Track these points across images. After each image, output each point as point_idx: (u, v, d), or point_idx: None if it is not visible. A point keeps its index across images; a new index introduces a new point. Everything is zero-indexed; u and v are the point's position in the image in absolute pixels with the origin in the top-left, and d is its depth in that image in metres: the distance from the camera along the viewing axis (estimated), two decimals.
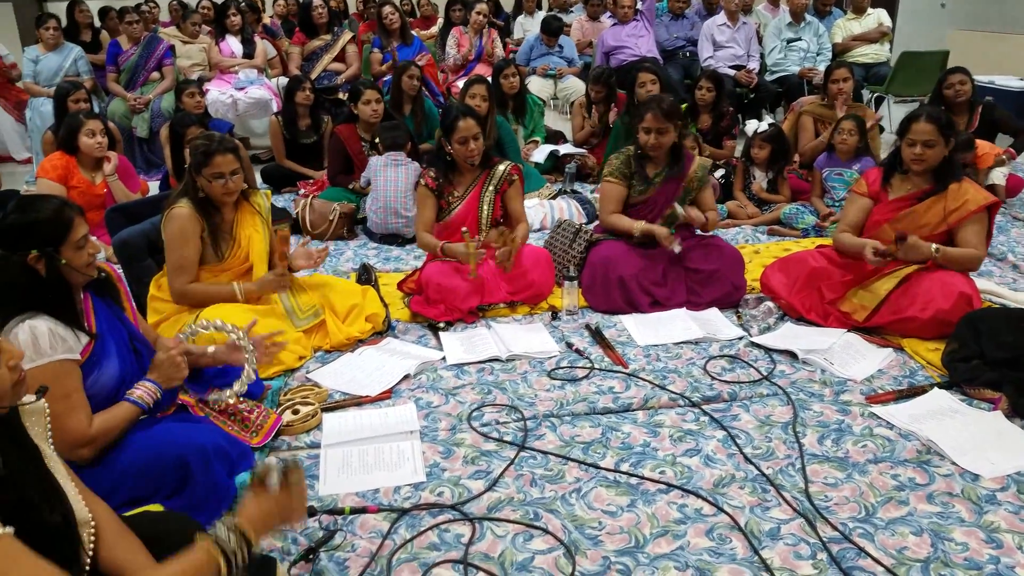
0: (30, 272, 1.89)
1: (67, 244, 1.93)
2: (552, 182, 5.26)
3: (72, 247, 1.94)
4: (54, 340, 1.88)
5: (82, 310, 2.03)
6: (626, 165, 3.52)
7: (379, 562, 1.96)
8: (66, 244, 1.93)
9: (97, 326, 2.05)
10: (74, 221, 1.96)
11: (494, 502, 2.18)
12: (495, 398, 2.76)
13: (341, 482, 2.30)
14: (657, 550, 1.97)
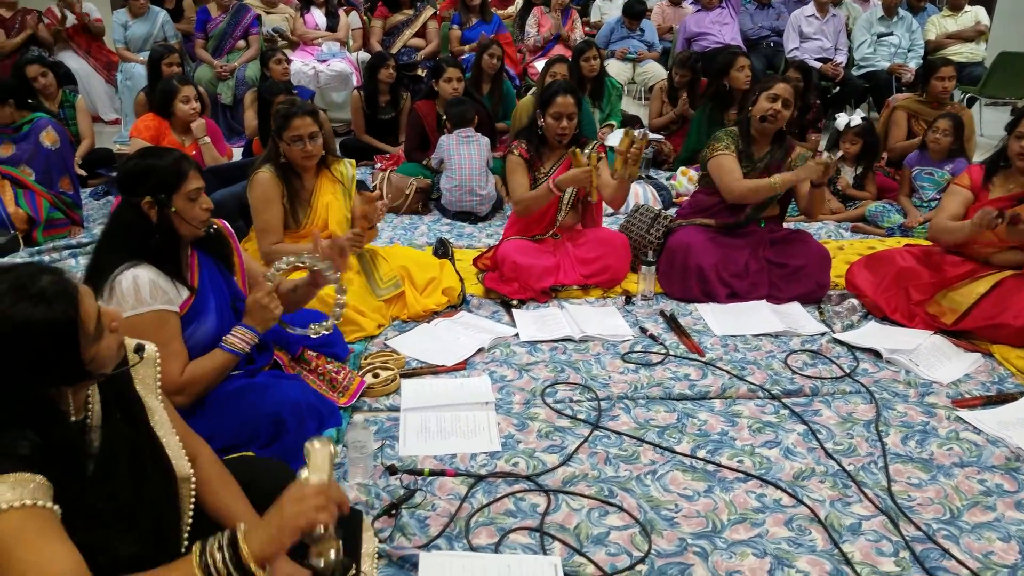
0: (143, 218, 1.98)
1: (179, 194, 2.02)
2: None
3: (184, 197, 2.02)
4: (155, 290, 1.97)
5: (187, 265, 2.11)
6: (735, 141, 3.42)
7: (458, 523, 2.01)
8: (178, 193, 2.02)
9: (200, 283, 2.13)
10: (189, 174, 2.04)
11: (568, 476, 2.21)
12: (568, 377, 2.79)
13: (419, 445, 2.36)
14: (735, 536, 1.98)
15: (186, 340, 2.08)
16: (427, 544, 1.93)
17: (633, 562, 1.87)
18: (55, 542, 1.13)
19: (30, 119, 4.15)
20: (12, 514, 1.10)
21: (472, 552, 1.90)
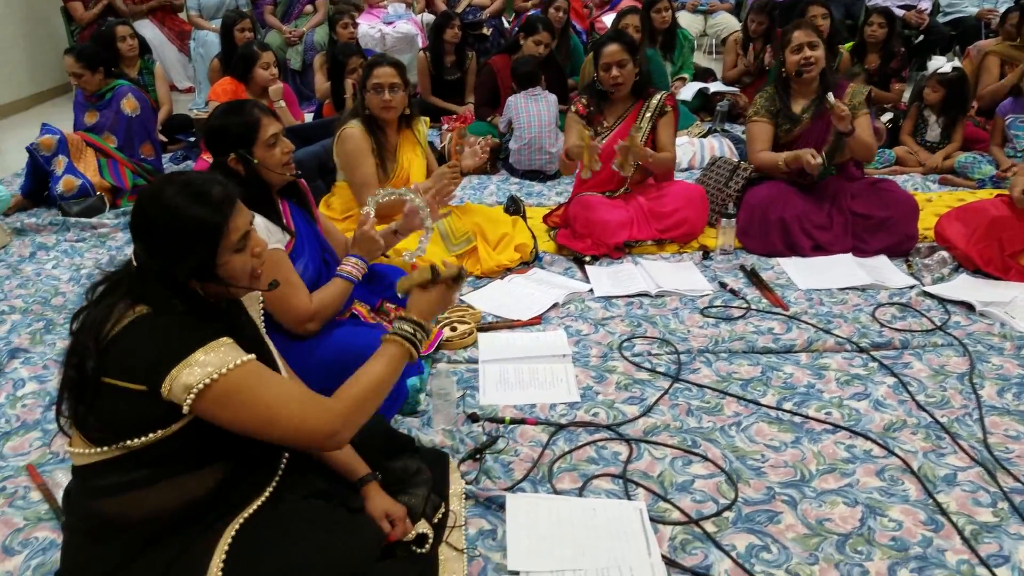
0: (233, 174, 2.05)
1: (258, 143, 2.08)
2: (701, 121, 5.15)
3: (263, 146, 2.09)
4: (269, 231, 2.05)
5: (280, 212, 2.18)
6: (771, 102, 3.38)
7: (541, 468, 2.04)
8: (257, 143, 2.08)
9: (295, 227, 2.21)
10: (261, 121, 2.10)
11: (650, 427, 2.22)
12: (645, 331, 2.78)
13: (499, 395, 2.40)
14: (824, 485, 1.96)
15: None
16: (512, 487, 1.97)
17: (720, 509, 1.87)
18: (277, 377, 1.40)
19: (112, 86, 4.29)
20: (237, 370, 1.32)
21: (557, 495, 1.93)
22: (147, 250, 1.37)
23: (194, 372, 1.28)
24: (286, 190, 2.24)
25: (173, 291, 1.37)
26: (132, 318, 1.32)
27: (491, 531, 1.82)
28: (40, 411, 2.35)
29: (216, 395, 1.30)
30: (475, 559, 1.74)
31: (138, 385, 1.30)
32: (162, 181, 1.39)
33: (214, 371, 1.29)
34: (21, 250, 3.70)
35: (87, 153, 4.20)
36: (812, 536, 1.78)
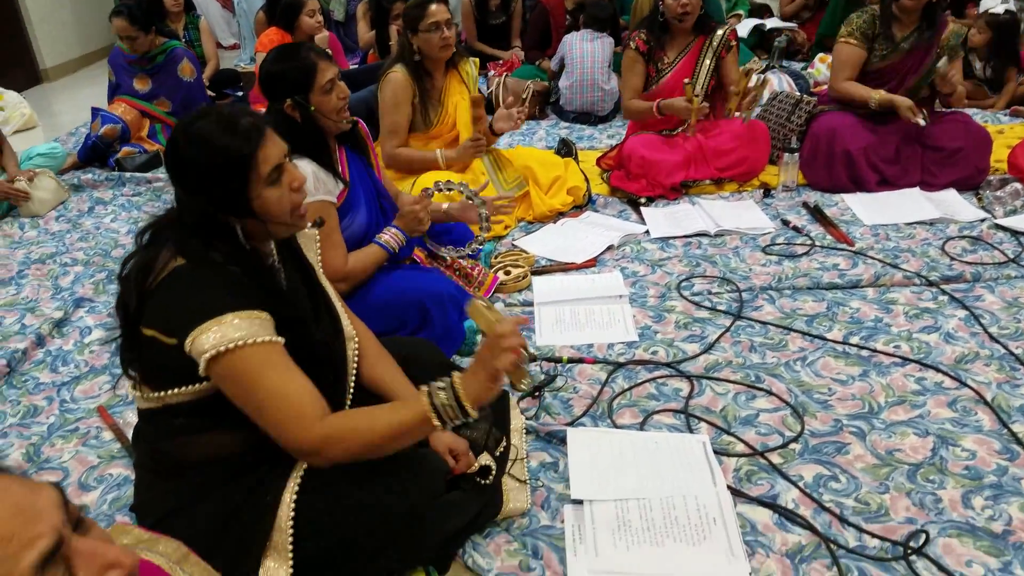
0: (289, 121, 2.06)
1: (315, 89, 2.08)
2: (758, 59, 5.02)
3: (320, 91, 2.08)
4: (317, 182, 2.07)
5: (336, 159, 2.20)
6: (869, 25, 3.22)
7: (600, 405, 2.06)
8: (314, 89, 2.08)
9: (350, 177, 2.23)
10: (318, 65, 2.08)
11: (711, 363, 2.21)
12: (704, 270, 2.76)
13: (556, 336, 2.41)
14: (894, 417, 1.94)
15: (343, 231, 2.19)
16: (572, 422, 1.99)
17: (786, 441, 1.87)
18: (293, 371, 1.32)
19: (163, 49, 4.27)
20: (254, 347, 1.28)
21: (617, 429, 1.95)
22: (182, 185, 1.37)
23: (211, 337, 1.26)
24: (343, 135, 2.25)
25: (213, 235, 1.35)
26: (171, 269, 1.32)
27: (553, 463, 1.85)
28: (107, 356, 2.44)
29: (224, 367, 1.28)
30: (538, 489, 1.77)
31: (170, 339, 1.30)
32: (195, 115, 1.38)
33: (228, 342, 1.26)
34: (79, 205, 3.81)
35: (142, 123, 4.29)
36: (882, 466, 1.77)
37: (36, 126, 5.44)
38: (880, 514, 1.63)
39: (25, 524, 0.57)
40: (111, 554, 0.62)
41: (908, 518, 1.62)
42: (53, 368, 2.41)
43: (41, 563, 0.56)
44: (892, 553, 1.53)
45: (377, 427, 1.32)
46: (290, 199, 1.42)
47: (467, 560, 1.59)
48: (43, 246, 3.36)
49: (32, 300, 2.86)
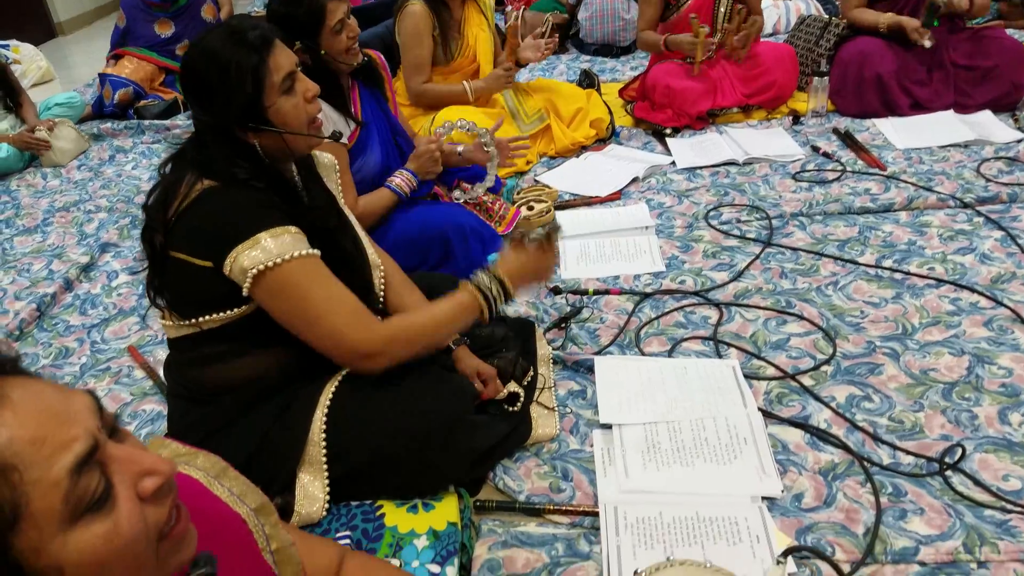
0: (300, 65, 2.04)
1: (324, 32, 2.04)
2: None
3: (329, 34, 2.05)
4: (327, 122, 2.05)
5: (350, 98, 2.18)
6: None
7: (628, 334, 2.06)
8: (323, 32, 2.04)
9: (363, 115, 2.21)
10: (327, 7, 2.03)
11: (741, 291, 2.20)
12: (733, 199, 2.73)
13: (581, 268, 2.41)
14: (928, 337, 1.92)
15: (355, 173, 2.18)
16: (599, 351, 1.99)
17: (817, 363, 1.86)
18: (336, 280, 1.38)
19: None
20: (297, 262, 1.32)
21: (645, 356, 1.96)
22: (198, 103, 1.38)
23: (253, 255, 1.29)
24: (357, 70, 2.22)
25: (234, 152, 1.37)
26: (200, 192, 1.33)
27: (581, 391, 1.86)
28: (135, 299, 2.48)
29: (270, 283, 1.30)
30: (566, 416, 1.79)
31: (204, 261, 1.32)
32: (203, 33, 1.39)
33: (273, 257, 1.29)
34: (100, 154, 3.83)
35: (157, 76, 4.27)
36: (916, 385, 1.76)
37: (53, 79, 5.45)
38: (915, 432, 1.63)
39: (59, 427, 0.55)
40: (148, 461, 0.61)
41: (943, 435, 1.61)
42: (82, 311, 2.45)
43: (77, 466, 0.55)
44: (927, 469, 1.53)
45: (432, 319, 1.44)
46: (305, 109, 1.43)
47: (498, 483, 1.61)
48: (66, 195, 3.39)
49: (58, 247, 2.90)
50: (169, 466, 0.61)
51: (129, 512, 0.57)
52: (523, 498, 1.57)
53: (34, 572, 0.54)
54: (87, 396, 0.61)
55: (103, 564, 0.56)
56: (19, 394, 0.56)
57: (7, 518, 0.52)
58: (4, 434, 0.53)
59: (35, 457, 0.53)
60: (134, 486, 0.59)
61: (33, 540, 0.53)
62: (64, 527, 0.54)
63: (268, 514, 0.86)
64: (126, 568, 0.58)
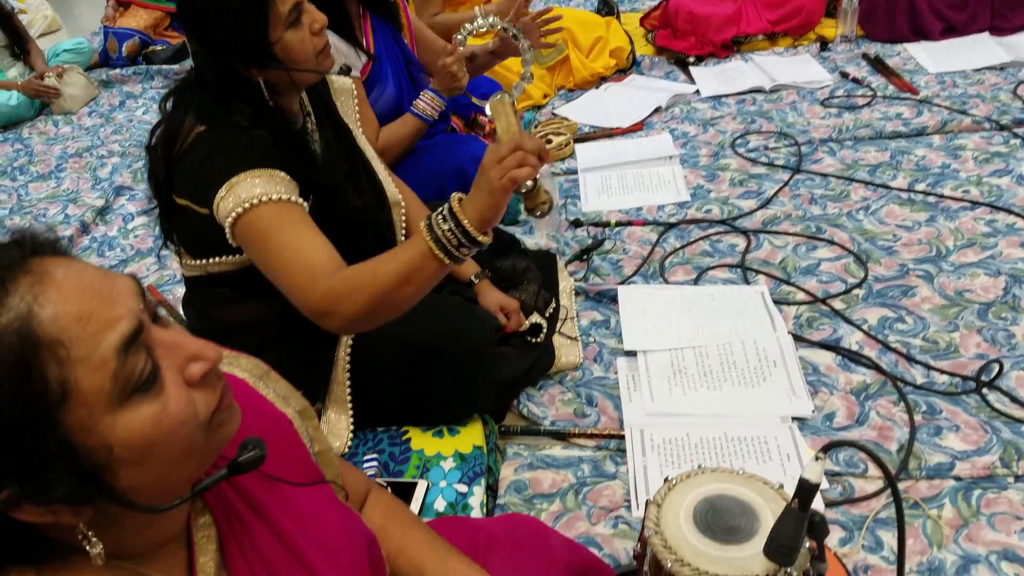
0: None
1: None
2: None
3: None
4: (336, 54, 2.00)
5: (361, 31, 2.14)
6: None
7: (652, 264, 2.04)
8: None
9: (375, 48, 2.16)
10: None
11: (769, 218, 2.17)
12: (760, 127, 2.67)
13: (602, 201, 2.38)
14: (963, 259, 1.89)
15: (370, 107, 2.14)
16: (623, 281, 1.98)
17: (848, 287, 1.84)
18: (310, 230, 1.25)
19: None
20: (269, 206, 1.22)
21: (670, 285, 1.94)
22: (198, 38, 1.31)
23: (229, 201, 1.23)
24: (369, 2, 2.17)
25: (235, 93, 1.30)
26: (195, 136, 1.28)
27: (604, 321, 1.86)
28: (151, 240, 2.49)
29: (243, 227, 1.24)
30: (590, 345, 1.79)
31: (202, 208, 1.28)
32: None
33: (242, 203, 1.22)
34: (110, 100, 3.82)
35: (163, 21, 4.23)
36: (951, 306, 1.74)
37: (60, 28, 5.42)
38: (949, 351, 1.61)
39: (103, 305, 0.55)
40: (194, 346, 0.60)
41: (979, 354, 1.59)
42: (100, 253, 2.47)
43: (123, 346, 0.54)
44: (963, 387, 1.51)
45: (381, 274, 1.17)
46: (312, 43, 1.35)
47: (522, 410, 1.61)
48: (78, 141, 3.39)
49: (73, 191, 2.91)
50: (215, 352, 0.61)
51: (177, 396, 0.58)
52: (548, 424, 1.57)
53: (84, 450, 0.54)
54: (129, 279, 0.60)
55: (152, 445, 0.56)
56: (62, 272, 0.55)
57: (56, 395, 0.52)
58: (49, 310, 0.53)
59: (81, 334, 0.53)
60: (181, 371, 0.59)
61: (83, 419, 0.53)
62: (113, 407, 0.54)
63: (310, 417, 0.86)
64: (175, 451, 0.58)
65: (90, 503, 0.56)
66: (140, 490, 0.58)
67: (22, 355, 0.51)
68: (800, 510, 0.76)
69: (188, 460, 0.60)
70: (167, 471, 0.59)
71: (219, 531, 0.70)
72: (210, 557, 0.67)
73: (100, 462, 0.55)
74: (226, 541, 0.69)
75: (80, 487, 0.54)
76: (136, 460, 0.56)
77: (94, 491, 0.55)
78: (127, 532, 0.61)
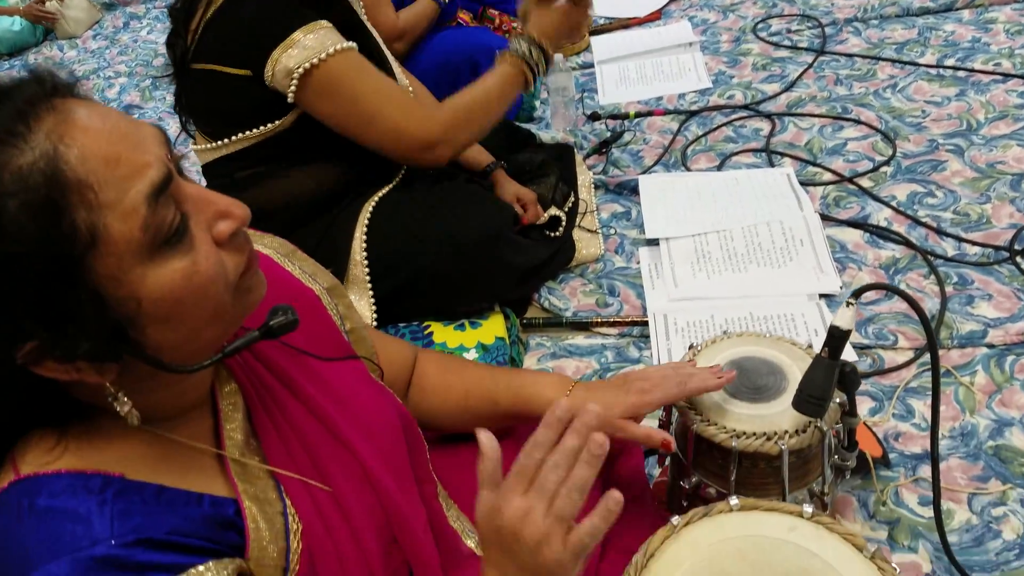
0: None
1: None
2: None
3: None
4: None
5: None
6: None
7: (673, 153, 2.00)
8: None
9: None
10: None
11: (793, 101, 2.10)
12: (782, 10, 2.57)
13: (621, 92, 2.32)
14: (994, 132, 1.83)
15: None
16: (644, 171, 1.94)
17: (876, 165, 1.79)
18: (380, 72, 1.34)
19: None
20: (341, 56, 1.27)
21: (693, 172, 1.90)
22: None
23: (294, 55, 1.23)
24: None
25: None
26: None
27: (625, 212, 1.83)
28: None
29: (317, 83, 1.26)
30: (610, 237, 1.76)
31: (239, 70, 1.27)
32: None
33: (316, 54, 1.24)
34: (114, 22, 3.76)
35: None
36: (982, 179, 1.69)
37: None
38: (981, 223, 1.57)
39: (131, 150, 0.52)
40: (223, 202, 0.58)
41: (1012, 224, 1.55)
42: None
43: (153, 194, 0.52)
44: (995, 258, 1.48)
45: (484, 93, 1.39)
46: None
47: (543, 303, 1.61)
48: (84, 64, 3.35)
49: None
50: (243, 210, 0.59)
51: (207, 253, 0.56)
52: (569, 315, 1.57)
53: (113, 302, 0.52)
54: (155, 127, 0.58)
55: (180, 301, 0.55)
56: (86, 113, 0.53)
57: (85, 239, 0.50)
58: (76, 151, 0.50)
59: (110, 177, 0.51)
60: (209, 229, 0.57)
61: (112, 268, 0.52)
62: (143, 259, 0.53)
63: (340, 295, 0.85)
64: (203, 311, 0.57)
65: (116, 360, 0.55)
66: (167, 350, 0.57)
67: (50, 196, 0.49)
68: (830, 359, 0.75)
69: (215, 322, 0.59)
70: (194, 332, 0.58)
71: (247, 401, 0.69)
72: (237, 425, 0.67)
73: (128, 316, 0.53)
74: (254, 410, 0.69)
75: (107, 342, 0.53)
76: (164, 317, 0.55)
77: (120, 347, 0.54)
78: (152, 396, 0.60)
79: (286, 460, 0.68)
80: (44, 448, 0.57)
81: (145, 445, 0.60)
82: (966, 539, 1.06)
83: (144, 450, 0.60)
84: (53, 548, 0.52)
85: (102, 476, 0.56)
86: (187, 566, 0.55)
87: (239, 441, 0.66)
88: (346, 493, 0.68)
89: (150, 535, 0.55)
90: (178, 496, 0.60)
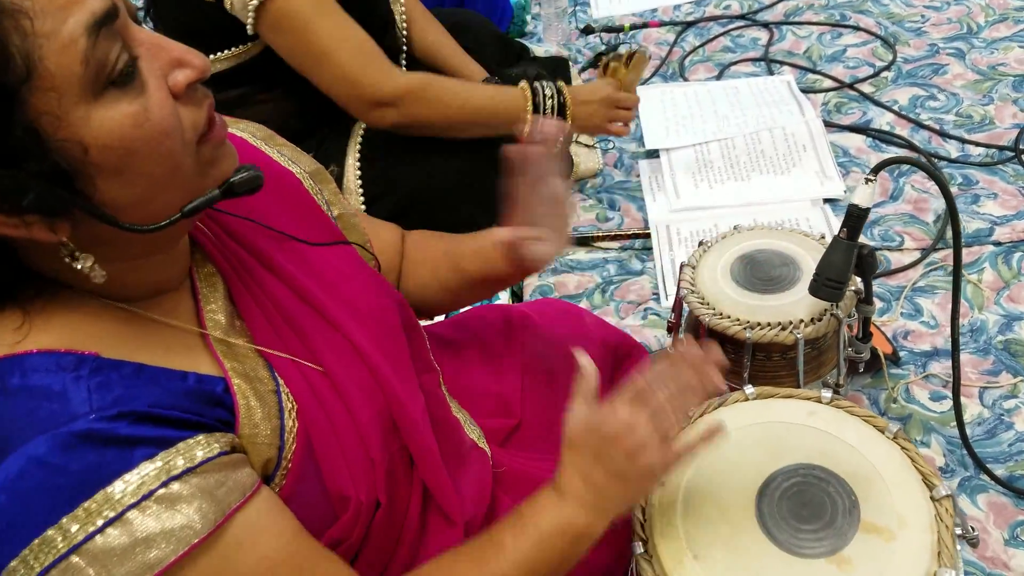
0: None
1: None
2: None
3: None
4: None
5: None
6: None
7: (671, 65, 1.96)
8: None
9: None
10: None
11: (791, 9, 2.06)
12: None
13: (614, 6, 2.26)
14: (995, 34, 1.81)
15: None
16: (641, 83, 1.90)
17: (877, 70, 1.76)
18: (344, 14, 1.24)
19: None
20: None
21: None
22: None
23: None
24: None
25: None
26: None
27: None
28: None
29: (272, 16, 1.21)
30: (609, 151, 1.73)
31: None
32: None
33: None
34: None
35: None
36: (984, 80, 1.67)
37: None
38: (984, 124, 1.56)
39: None
40: (177, 50, 0.54)
41: (1015, 124, 1.54)
42: None
43: (94, 24, 0.48)
44: (999, 157, 1.46)
45: (472, 97, 1.33)
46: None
47: None
48: None
49: None
50: (202, 60, 0.55)
51: (161, 101, 0.52)
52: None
53: (55, 143, 0.49)
54: None
55: (131, 152, 0.51)
56: None
57: (20, 70, 0.47)
58: None
59: (47, 6, 0.47)
60: (165, 77, 0.54)
61: (51, 104, 0.48)
62: (86, 98, 0.49)
63: (325, 181, 0.81)
64: (158, 167, 0.53)
65: (66, 215, 0.51)
66: (122, 209, 0.53)
67: None
68: (848, 239, 0.74)
69: (173, 183, 0.55)
70: (151, 190, 0.54)
71: (227, 283, 0.66)
72: (219, 307, 0.64)
73: (74, 163, 0.50)
74: (236, 292, 0.66)
75: (53, 191, 0.49)
76: (115, 169, 0.51)
77: (69, 199, 0.50)
78: (121, 269, 0.57)
79: (274, 340, 0.65)
80: (9, 328, 0.54)
81: (120, 323, 0.58)
82: (979, 432, 1.07)
83: (119, 328, 0.57)
84: (29, 427, 0.50)
85: (75, 355, 0.54)
86: (175, 440, 0.53)
87: (222, 323, 0.63)
88: (339, 373, 0.66)
89: (133, 408, 0.52)
90: (160, 372, 0.57)
